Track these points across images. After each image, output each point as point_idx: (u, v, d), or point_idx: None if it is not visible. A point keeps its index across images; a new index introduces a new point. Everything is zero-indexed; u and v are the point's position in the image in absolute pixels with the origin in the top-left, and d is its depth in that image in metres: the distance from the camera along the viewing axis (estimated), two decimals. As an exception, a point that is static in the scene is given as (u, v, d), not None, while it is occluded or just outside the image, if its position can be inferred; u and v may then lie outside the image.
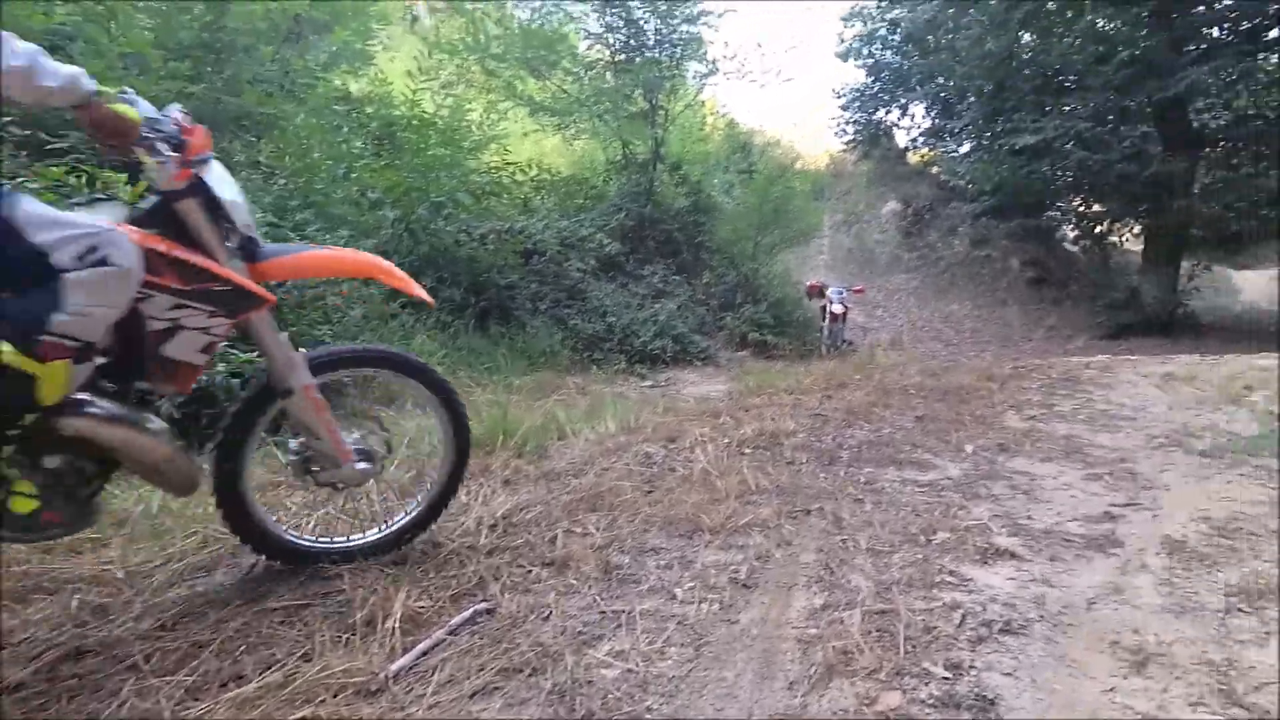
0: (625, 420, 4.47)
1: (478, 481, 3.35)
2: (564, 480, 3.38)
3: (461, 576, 2.35)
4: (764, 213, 9.46)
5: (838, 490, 3.27)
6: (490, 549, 2.62)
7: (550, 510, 3.03)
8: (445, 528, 2.83)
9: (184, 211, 1.71)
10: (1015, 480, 3.47)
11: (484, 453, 3.70)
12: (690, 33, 8.69)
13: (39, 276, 1.36)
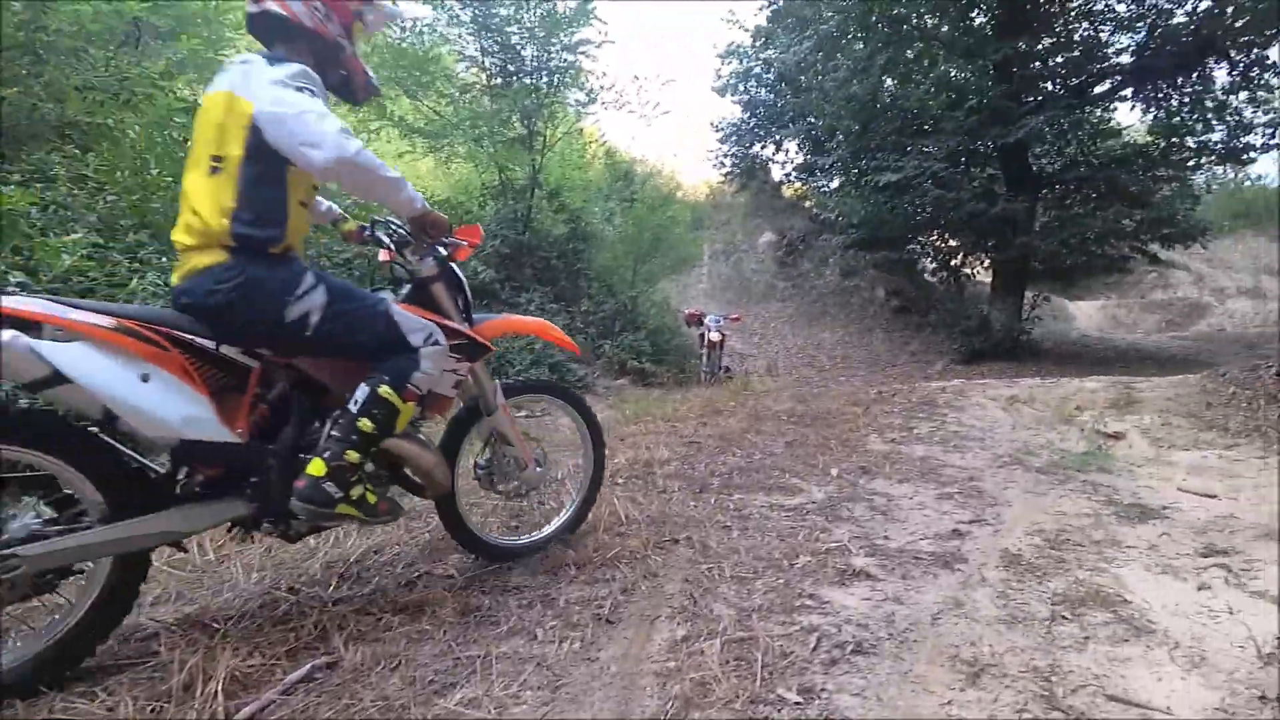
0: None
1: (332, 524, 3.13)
2: (426, 519, 3.21)
3: (301, 629, 2.16)
4: (644, 241, 9.59)
5: (707, 518, 3.31)
6: (337, 597, 2.44)
7: (408, 551, 2.87)
8: (287, 575, 2.62)
9: (435, 292, 2.34)
10: (875, 501, 3.65)
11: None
12: (569, 60, 8.75)
13: (397, 349, 2.05)
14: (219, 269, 1.84)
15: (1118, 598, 2.38)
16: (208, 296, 1.84)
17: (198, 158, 1.91)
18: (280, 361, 2.01)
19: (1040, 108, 11.62)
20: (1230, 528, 3.16)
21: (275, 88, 1.81)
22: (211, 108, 1.90)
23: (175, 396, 1.76)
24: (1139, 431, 5.15)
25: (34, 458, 1.67)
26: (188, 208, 1.88)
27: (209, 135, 1.88)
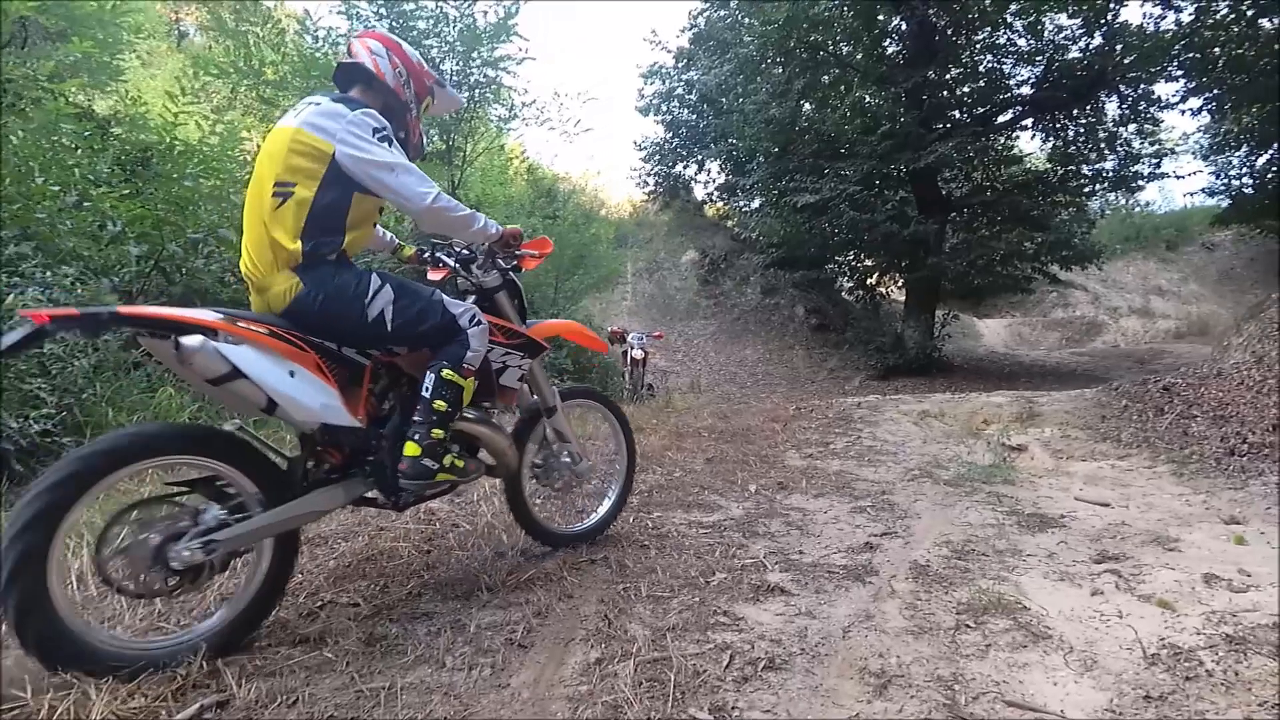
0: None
1: (224, 553, 2.93)
2: (331, 545, 3.05)
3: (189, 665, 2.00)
4: (566, 258, 9.53)
5: (625, 537, 3.26)
6: (230, 630, 2.28)
7: (311, 580, 2.71)
8: (176, 607, 2.42)
9: (499, 300, 2.66)
10: (791, 517, 3.69)
11: (236, 520, 3.25)
12: (490, 76, 8.65)
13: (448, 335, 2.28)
14: (302, 296, 2.07)
15: (1018, 605, 2.45)
16: (302, 319, 2.09)
17: (259, 187, 2.10)
18: (385, 360, 2.33)
19: (949, 134, 12.22)
20: (1121, 534, 3.33)
21: (359, 137, 2.07)
22: (281, 140, 2.09)
23: (314, 388, 2.06)
24: (1040, 444, 5.41)
25: (200, 463, 1.98)
26: (251, 236, 2.10)
27: (278, 165, 2.06)
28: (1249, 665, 2.01)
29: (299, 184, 2.05)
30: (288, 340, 2.03)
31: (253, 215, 2.10)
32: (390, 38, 2.38)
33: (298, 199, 2.04)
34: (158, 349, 1.91)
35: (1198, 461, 4.63)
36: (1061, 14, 13.58)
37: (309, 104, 2.14)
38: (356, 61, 2.28)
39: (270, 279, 2.07)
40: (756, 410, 7.19)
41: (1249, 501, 3.84)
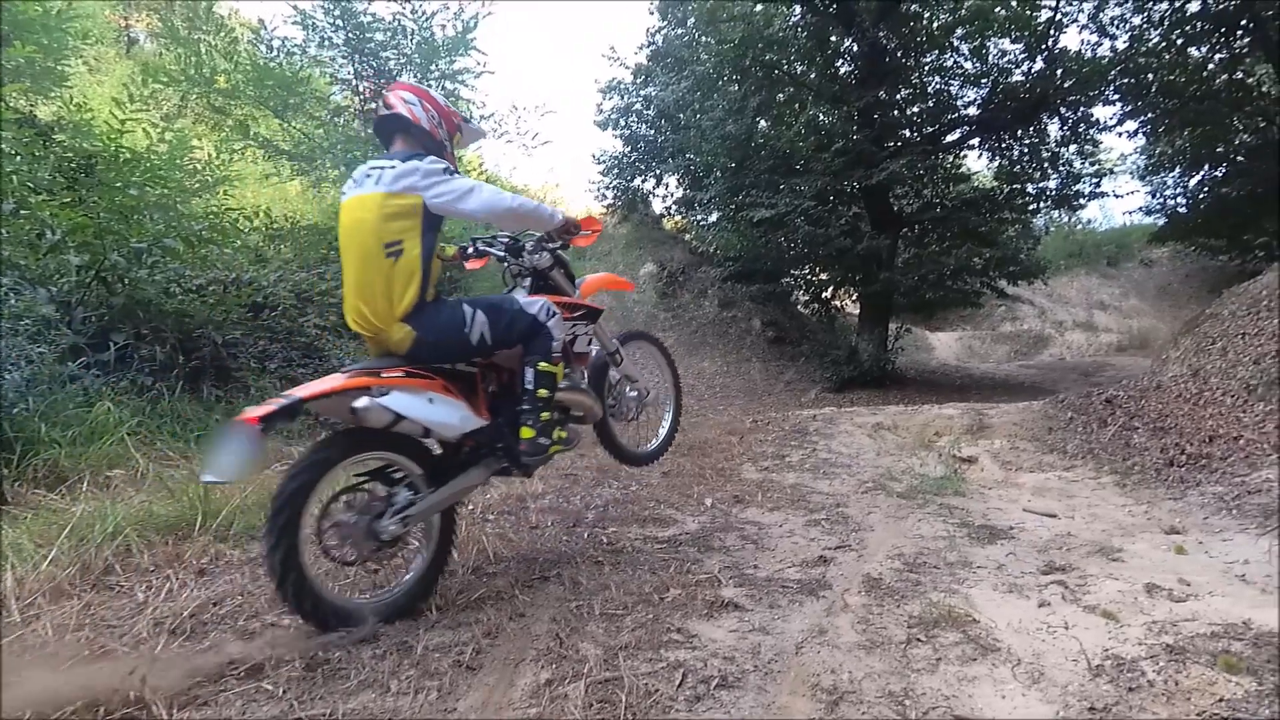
0: (357, 492, 4.06)
1: (162, 574, 2.81)
2: (264, 580, 2.94)
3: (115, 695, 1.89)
4: (523, 270, 9.42)
5: (579, 553, 3.22)
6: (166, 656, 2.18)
7: (253, 602, 2.61)
8: (107, 633, 2.31)
9: (554, 278, 2.98)
10: (746, 531, 3.68)
11: (175, 538, 3.12)
12: (448, 89, 8.58)
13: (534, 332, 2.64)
14: (419, 340, 2.46)
15: (968, 618, 2.48)
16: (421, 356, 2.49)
17: (364, 251, 2.41)
18: (487, 363, 2.75)
19: (899, 153, 12.50)
20: (1068, 545, 3.40)
21: (436, 180, 2.43)
22: (373, 208, 2.39)
23: (450, 407, 2.50)
24: (990, 455, 5.52)
25: (389, 456, 2.49)
26: (368, 293, 2.41)
27: (381, 230, 2.39)
28: (1188, 675, 2.06)
29: (405, 239, 2.40)
30: (418, 375, 2.46)
31: (365, 275, 2.42)
32: (419, 87, 2.73)
33: (409, 254, 2.40)
34: (333, 411, 2.40)
35: (1139, 472, 4.77)
36: (1005, 39, 14.09)
37: (378, 170, 2.45)
38: (395, 113, 2.60)
39: (389, 329, 2.44)
40: (714, 423, 7.20)
41: (1188, 512, 3.96)
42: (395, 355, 2.47)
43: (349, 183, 2.53)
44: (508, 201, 2.53)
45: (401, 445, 2.49)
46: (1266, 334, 6.15)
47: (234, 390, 5.13)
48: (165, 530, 3.14)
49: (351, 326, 2.52)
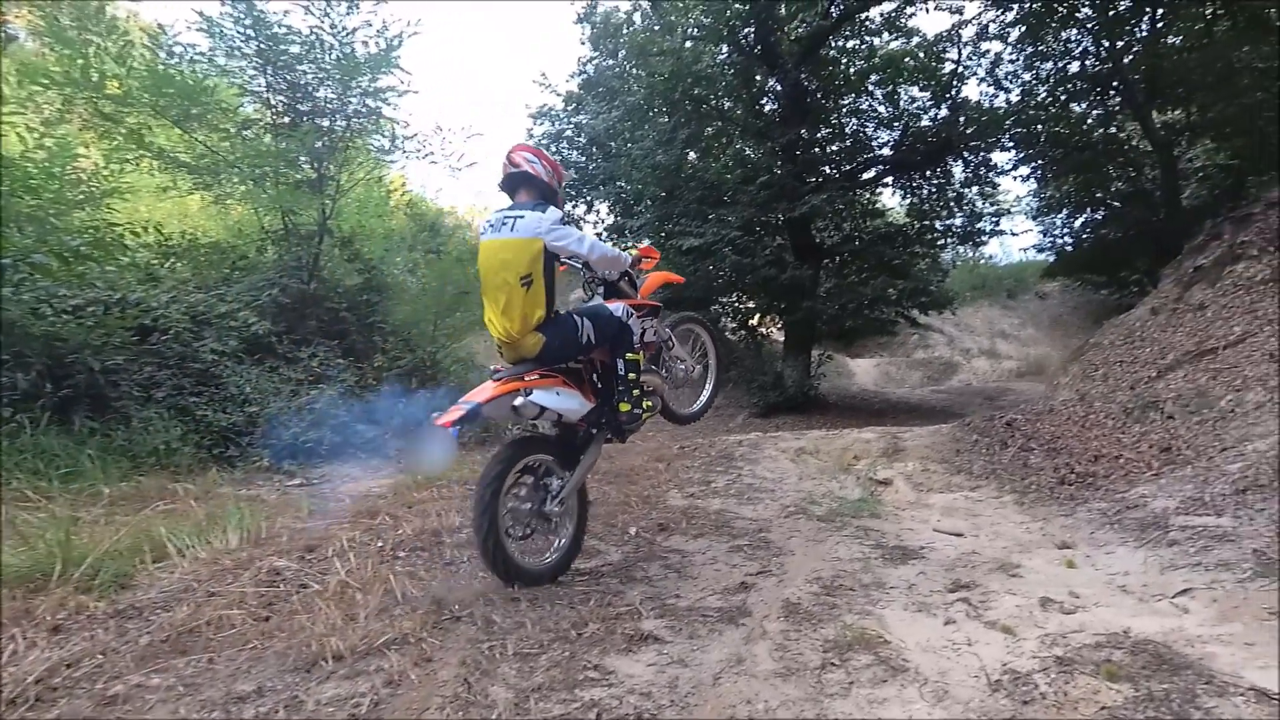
0: (253, 530, 3.80)
1: (7, 633, 2.50)
2: (148, 617, 2.70)
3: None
4: (447, 294, 9.22)
5: (495, 589, 3.09)
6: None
7: (116, 661, 2.36)
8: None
9: (621, 286, 3.64)
10: (670, 559, 3.64)
11: (27, 591, 2.80)
12: (370, 106, 8.35)
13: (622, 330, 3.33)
14: (547, 345, 3.14)
15: (879, 639, 2.50)
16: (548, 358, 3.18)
17: (504, 282, 3.08)
18: (587, 359, 3.42)
19: (820, 188, 13.00)
20: (972, 563, 3.51)
21: (554, 229, 3.09)
22: (509, 250, 3.08)
23: (571, 397, 3.20)
24: (904, 478, 5.68)
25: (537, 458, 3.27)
26: (509, 314, 3.09)
27: (517, 266, 3.06)
28: (1075, 685, 2.14)
29: (534, 272, 3.07)
30: (547, 375, 3.16)
31: (507, 301, 3.10)
32: (534, 147, 3.43)
33: (537, 283, 3.08)
34: (499, 410, 3.04)
35: (1035, 491, 5.01)
36: (914, 87, 15.03)
37: (512, 219, 3.11)
38: (521, 170, 3.25)
39: (524, 339, 3.12)
40: (642, 450, 7.16)
41: (1077, 527, 4.16)
42: (527, 359, 3.16)
43: (486, 227, 3.24)
44: (601, 248, 3.34)
45: (547, 447, 3.35)
46: (1140, 361, 6.67)
47: (112, 422, 4.72)
48: (16, 582, 2.84)
49: (495, 337, 3.25)
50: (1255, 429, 4.68)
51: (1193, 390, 5.67)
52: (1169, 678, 2.15)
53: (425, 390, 7.09)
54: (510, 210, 3.15)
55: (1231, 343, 5.97)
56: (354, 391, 6.79)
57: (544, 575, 3.19)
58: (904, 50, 14.94)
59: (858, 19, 14.26)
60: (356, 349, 7.76)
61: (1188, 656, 2.29)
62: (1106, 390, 6.63)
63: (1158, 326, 7.13)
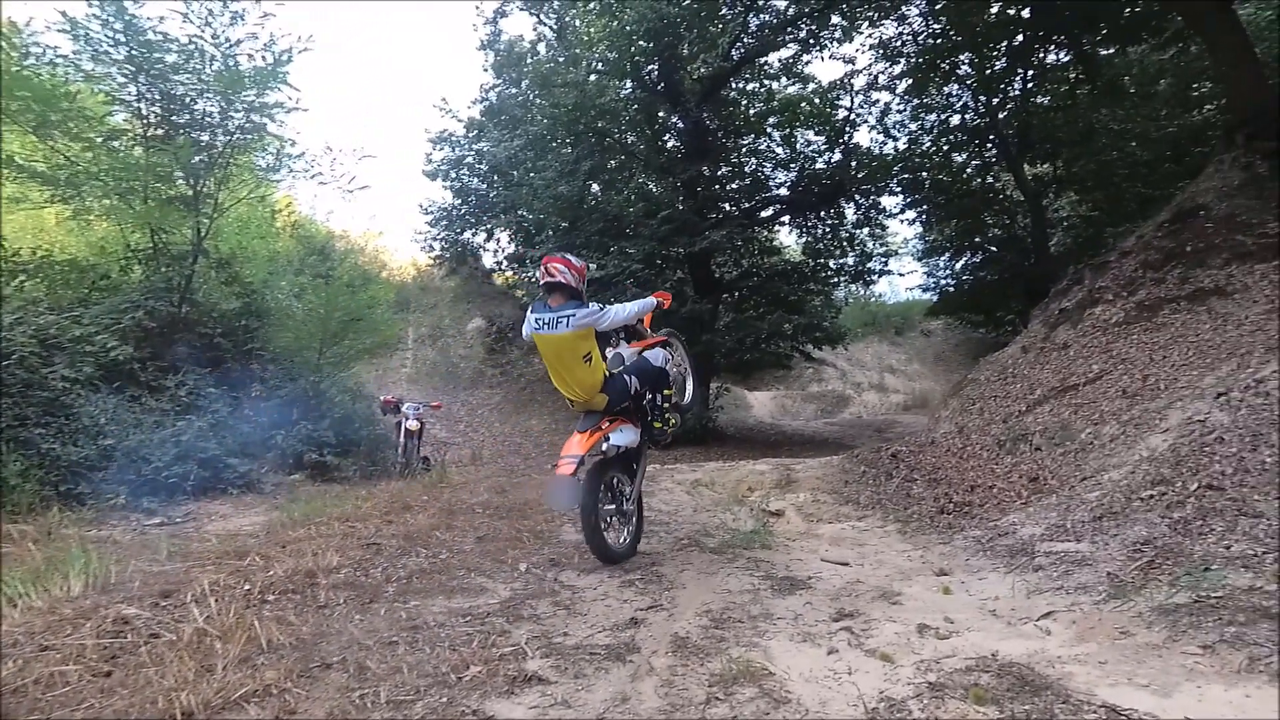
0: (100, 575, 3.43)
1: None
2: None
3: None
4: (335, 321, 8.78)
5: (373, 633, 2.91)
6: None
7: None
8: None
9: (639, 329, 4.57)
10: (560, 596, 3.53)
11: None
12: (255, 122, 7.91)
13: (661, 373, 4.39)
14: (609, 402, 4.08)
15: (764, 671, 2.51)
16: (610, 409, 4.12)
17: (569, 363, 3.95)
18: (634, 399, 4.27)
19: (720, 224, 13.41)
20: (856, 592, 3.61)
21: (595, 315, 3.92)
22: (565, 341, 3.89)
23: (629, 431, 4.18)
24: (795, 509, 5.82)
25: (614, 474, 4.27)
26: (578, 382, 3.99)
27: (574, 351, 3.92)
28: (946, 709, 2.21)
29: (590, 352, 3.95)
30: (614, 419, 4.13)
31: (576, 376, 3.98)
32: (563, 257, 4.06)
33: (594, 358, 3.98)
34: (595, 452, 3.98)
35: (917, 520, 5.24)
36: (810, 131, 15.91)
37: (564, 317, 3.87)
38: (557, 280, 3.97)
39: (594, 398, 4.04)
40: (537, 483, 7.03)
41: (954, 554, 4.37)
42: (596, 411, 4.09)
43: (534, 322, 3.98)
44: (633, 309, 4.18)
45: (617, 465, 4.23)
46: (1012, 396, 7.13)
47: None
48: None
49: (571, 399, 4.13)
50: (1111, 460, 5.00)
51: (1057, 424, 6.04)
52: (1030, 699, 2.26)
53: (308, 422, 6.70)
54: (559, 311, 3.92)
55: (1090, 380, 6.41)
56: (227, 423, 6.30)
57: (626, 553, 4.20)
58: (800, 95, 15.84)
59: (757, 63, 15.02)
60: (231, 377, 7.23)
61: (1048, 677, 2.40)
62: (982, 423, 6.99)
63: (1027, 364, 7.59)
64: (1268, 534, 3.25)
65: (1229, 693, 2.23)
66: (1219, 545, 3.32)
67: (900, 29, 14.24)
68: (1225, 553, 3.23)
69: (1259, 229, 6.93)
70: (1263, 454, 3.93)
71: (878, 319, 24.34)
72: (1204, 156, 10.18)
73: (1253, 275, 6.43)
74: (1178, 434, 4.67)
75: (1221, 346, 5.76)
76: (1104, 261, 8.42)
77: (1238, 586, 2.92)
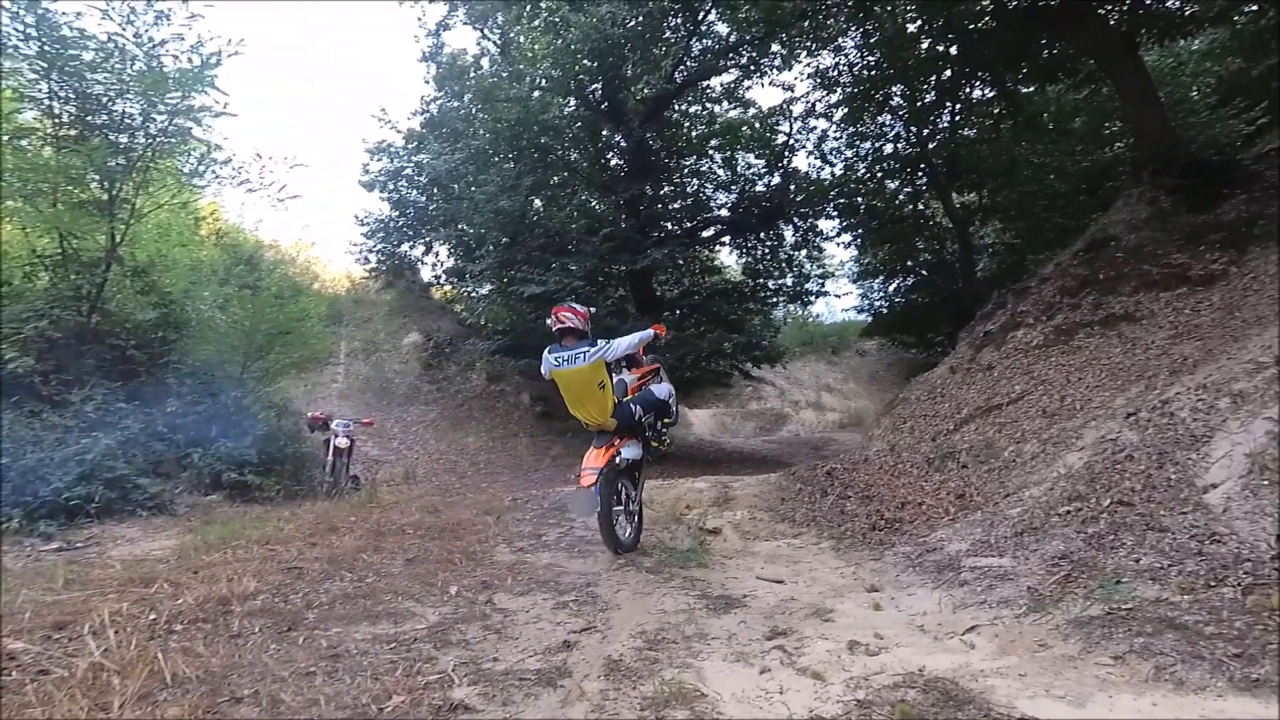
0: (-17, 606, 3.16)
1: None
2: None
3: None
4: (261, 333, 8.41)
5: (288, 664, 2.76)
6: None
7: None
8: None
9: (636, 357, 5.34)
10: (491, 620, 3.43)
11: None
12: (179, 125, 7.56)
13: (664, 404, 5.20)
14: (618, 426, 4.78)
15: (697, 693, 2.48)
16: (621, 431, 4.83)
17: (587, 389, 4.62)
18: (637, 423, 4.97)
19: (662, 243, 13.53)
20: (790, 610, 3.62)
21: (608, 350, 4.58)
22: (583, 374, 4.57)
23: (635, 447, 4.95)
24: (732, 526, 5.82)
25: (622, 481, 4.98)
26: (594, 408, 4.68)
27: (590, 382, 4.60)
28: (873, 727, 2.22)
29: (604, 380, 4.62)
30: (622, 437, 4.82)
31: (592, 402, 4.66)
32: (570, 306, 4.77)
33: (606, 386, 4.65)
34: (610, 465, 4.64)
35: (850, 537, 5.30)
36: (750, 154, 16.29)
37: (579, 354, 4.56)
38: (569, 326, 4.66)
39: (606, 422, 4.72)
40: (471, 502, 6.86)
41: (885, 570, 4.44)
42: (608, 431, 4.78)
43: (553, 361, 4.67)
44: (634, 340, 4.78)
45: (623, 473, 4.87)
46: (941, 415, 7.35)
47: None
48: None
49: (588, 423, 4.80)
50: (1032, 476, 5.16)
51: (983, 442, 6.24)
52: (954, 713, 2.29)
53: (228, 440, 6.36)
54: (575, 349, 4.63)
55: (1013, 399, 6.66)
56: (138, 440, 5.93)
57: (631, 545, 4.90)
58: (742, 119, 16.19)
59: (700, 86, 15.29)
60: (144, 392, 6.83)
61: (972, 691, 2.45)
62: (913, 441, 7.17)
63: (955, 384, 7.85)
64: (1173, 548, 3.40)
65: (1137, 701, 2.31)
66: (1129, 559, 3.45)
67: (837, 59, 14.74)
68: (1135, 566, 3.36)
69: (1164, 259, 7.36)
70: (1168, 471, 4.12)
71: (815, 339, 24.88)
72: (1115, 190, 10.86)
73: (1158, 302, 6.82)
74: (1092, 452, 4.86)
75: (1131, 369, 6.07)
76: (1025, 287, 8.78)
77: (1146, 598, 3.04)
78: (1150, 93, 9.06)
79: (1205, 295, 6.63)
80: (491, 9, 13.74)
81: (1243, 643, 2.57)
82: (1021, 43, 10.33)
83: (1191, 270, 7.01)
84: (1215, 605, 2.88)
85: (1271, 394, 4.25)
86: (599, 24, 11.34)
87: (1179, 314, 6.55)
